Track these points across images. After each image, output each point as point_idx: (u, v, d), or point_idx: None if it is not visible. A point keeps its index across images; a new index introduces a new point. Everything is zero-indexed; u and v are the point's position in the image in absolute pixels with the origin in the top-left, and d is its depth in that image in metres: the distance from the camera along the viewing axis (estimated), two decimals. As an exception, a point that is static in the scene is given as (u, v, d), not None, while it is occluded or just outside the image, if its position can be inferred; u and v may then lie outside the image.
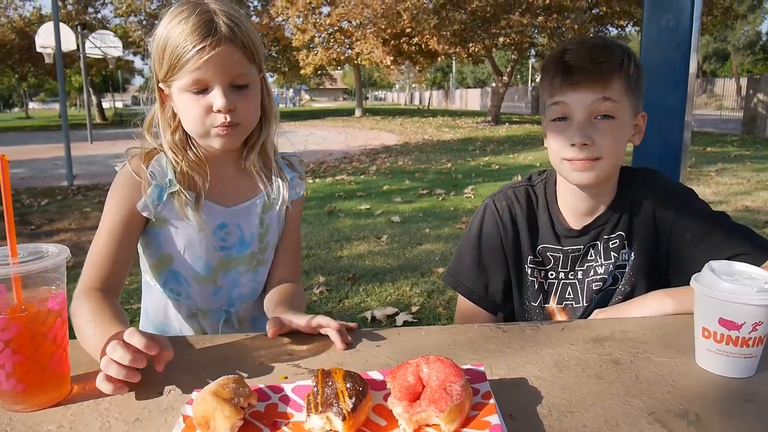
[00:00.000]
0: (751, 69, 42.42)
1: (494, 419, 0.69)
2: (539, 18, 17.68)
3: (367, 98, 72.04)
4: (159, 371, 0.84)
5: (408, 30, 20.18)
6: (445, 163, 10.66)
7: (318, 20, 26.29)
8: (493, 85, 25.17)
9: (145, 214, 1.18)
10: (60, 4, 15.87)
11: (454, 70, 60.30)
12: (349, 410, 0.68)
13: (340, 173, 9.64)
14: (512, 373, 0.86)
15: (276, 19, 29.72)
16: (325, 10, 26.08)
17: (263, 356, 0.93)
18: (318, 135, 19.09)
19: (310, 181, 8.81)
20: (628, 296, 1.27)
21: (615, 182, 1.28)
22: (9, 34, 28.80)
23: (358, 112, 32.89)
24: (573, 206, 1.29)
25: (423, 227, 5.40)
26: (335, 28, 26.14)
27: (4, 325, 0.74)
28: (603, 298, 1.30)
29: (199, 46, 1.07)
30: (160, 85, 1.17)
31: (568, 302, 1.31)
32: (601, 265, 1.28)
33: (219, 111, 1.11)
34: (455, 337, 1.01)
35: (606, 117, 1.16)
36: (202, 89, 1.11)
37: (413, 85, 66.29)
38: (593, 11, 18.64)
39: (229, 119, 1.12)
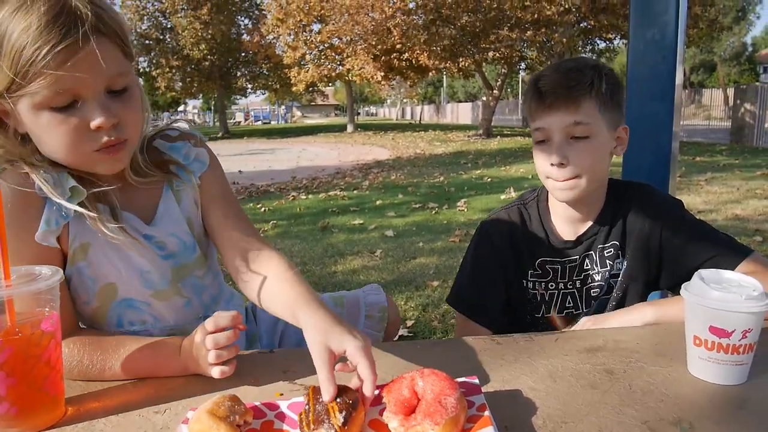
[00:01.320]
0: (738, 79, 42.98)
1: (489, 431, 0.70)
2: (528, 32, 17.86)
3: (358, 114, 72.42)
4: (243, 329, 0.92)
5: (398, 46, 20.34)
6: (438, 176, 10.70)
7: (309, 37, 26.48)
8: (484, 98, 25.37)
9: (47, 244, 0.93)
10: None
11: (444, 85, 60.79)
12: (339, 425, 0.68)
13: (333, 189, 9.65)
14: (507, 385, 0.87)
15: (267, 37, 29.94)
16: (316, 27, 26.32)
17: (258, 373, 0.93)
18: (310, 151, 19.14)
19: (303, 197, 8.82)
20: (620, 302, 1.32)
21: (603, 194, 1.32)
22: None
23: (350, 128, 33.01)
24: (565, 218, 1.34)
25: (416, 241, 5.41)
26: (326, 45, 26.32)
27: (-2, 348, 0.74)
28: (599, 305, 1.34)
29: (60, 46, 0.81)
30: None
31: (569, 310, 1.35)
32: (598, 273, 1.33)
33: (99, 128, 0.88)
34: (450, 350, 1.02)
35: (581, 138, 1.21)
36: (68, 104, 0.86)
37: (404, 100, 66.72)
38: (581, 25, 18.86)
39: (114, 137, 0.90)
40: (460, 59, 20.42)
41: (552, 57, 17.48)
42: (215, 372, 0.89)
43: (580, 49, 19.77)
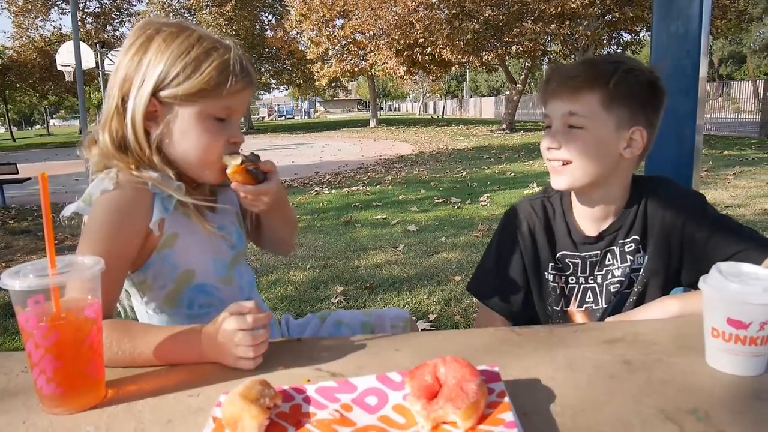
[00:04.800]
0: (769, 71, 41.90)
1: (508, 416, 0.72)
2: (552, 26, 17.65)
3: (381, 109, 72.31)
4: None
5: (421, 40, 20.28)
6: (460, 171, 10.68)
7: (332, 33, 26.54)
8: (507, 93, 25.16)
9: (155, 230, 1.11)
10: (79, 23, 16.22)
11: (467, 79, 60.42)
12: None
13: (356, 184, 9.70)
14: (526, 374, 0.89)
15: (290, 33, 30.09)
16: (339, 22, 26.34)
17: (287, 360, 0.97)
18: (333, 146, 19.23)
19: (326, 192, 8.88)
20: (641, 296, 1.31)
21: (623, 190, 1.33)
22: (30, 53, 29.49)
23: (372, 123, 33.05)
24: (586, 214, 1.34)
25: (439, 236, 5.43)
26: (349, 40, 26.35)
27: (45, 333, 0.79)
28: (619, 300, 1.34)
29: (243, 79, 1.11)
30: (163, 98, 1.10)
31: (588, 305, 1.36)
32: (618, 269, 1.33)
33: (235, 143, 1.16)
34: (471, 340, 1.04)
35: (577, 128, 1.23)
36: (223, 118, 1.14)
37: (427, 95, 66.48)
38: (606, 17, 18.58)
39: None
40: (483, 53, 20.27)
41: (576, 50, 17.26)
42: (248, 365, 0.93)
43: (605, 42, 19.47)
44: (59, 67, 17.26)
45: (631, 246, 1.32)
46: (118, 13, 31.20)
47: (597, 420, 0.75)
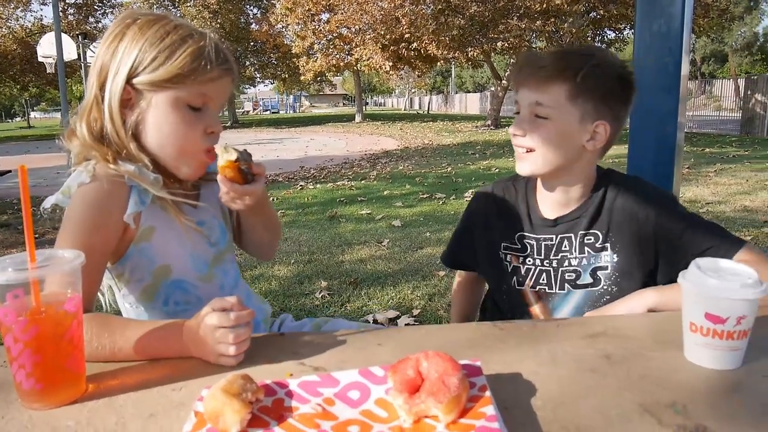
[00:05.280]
0: (749, 70, 42.50)
1: (490, 410, 0.73)
2: (537, 22, 17.73)
3: (367, 104, 72.16)
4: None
5: (407, 35, 20.25)
6: (446, 167, 10.71)
7: (317, 27, 26.41)
8: (493, 89, 25.23)
9: (129, 223, 1.09)
10: (61, 14, 15.98)
11: (453, 75, 60.48)
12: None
13: (341, 179, 9.68)
14: (508, 368, 0.90)
15: (276, 27, 29.89)
16: (324, 16, 26.22)
17: (269, 354, 0.97)
18: (319, 141, 19.16)
19: (311, 187, 8.86)
20: (615, 297, 1.31)
21: (585, 180, 1.36)
22: (11, 44, 28.95)
23: (358, 118, 32.98)
24: (547, 198, 1.39)
25: (424, 231, 5.44)
26: (334, 35, 26.25)
27: (24, 327, 0.78)
28: (590, 299, 1.35)
29: (220, 67, 1.10)
30: (137, 85, 1.08)
31: (542, 287, 1.39)
32: (576, 258, 1.35)
33: (212, 133, 1.13)
34: (454, 335, 1.05)
35: (543, 117, 1.27)
36: (198, 107, 1.11)
37: (413, 90, 66.47)
38: (590, 15, 18.70)
39: (214, 144, 1.14)
40: (469, 49, 20.31)
41: (561, 47, 17.35)
42: (229, 362, 0.92)
43: (589, 39, 19.59)
44: (40, 59, 16.96)
45: (591, 239, 1.34)
46: (100, 4, 30.70)
47: (577, 413, 0.76)
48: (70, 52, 14.94)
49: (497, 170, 9.97)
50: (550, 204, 1.39)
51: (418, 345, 1.00)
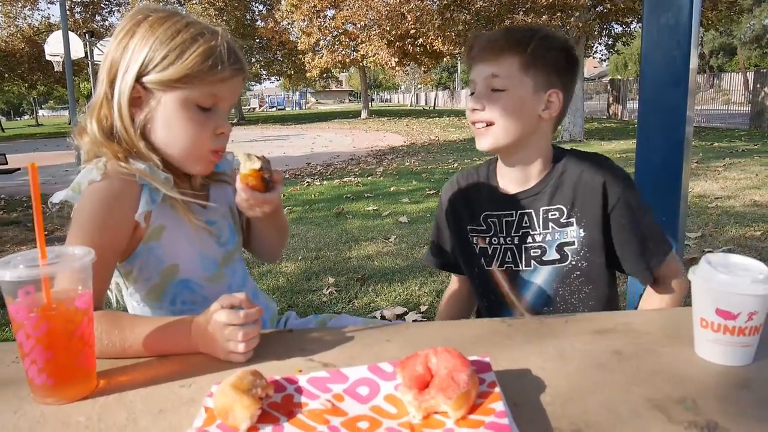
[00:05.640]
0: (759, 63, 42.11)
1: (499, 406, 0.73)
2: (543, 17, 17.61)
3: (372, 100, 72.09)
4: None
5: (412, 31, 20.16)
6: (452, 163, 10.68)
7: (323, 23, 26.34)
8: (499, 84, 25.04)
9: (140, 222, 1.09)
10: (68, 12, 16.02)
11: (459, 70, 60.28)
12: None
13: (348, 175, 9.68)
14: (516, 365, 0.90)
15: (281, 23, 29.84)
16: (330, 13, 26.15)
17: (278, 351, 0.97)
18: (325, 137, 19.16)
19: (318, 183, 8.86)
20: (586, 273, 1.35)
21: (543, 152, 1.39)
22: (18, 43, 29.09)
23: (364, 114, 32.96)
24: (508, 175, 1.42)
25: (430, 227, 5.43)
26: (340, 31, 26.18)
27: (36, 323, 0.79)
28: (558, 275, 1.37)
29: (232, 67, 1.09)
30: (147, 84, 1.08)
31: (508, 265, 1.41)
32: (540, 234, 1.37)
33: (222, 134, 1.13)
34: (462, 331, 1.05)
35: (499, 90, 1.30)
36: (208, 107, 1.11)
37: (418, 86, 66.31)
38: (597, 9, 18.56)
39: (223, 145, 1.15)
40: (475, 44, 20.20)
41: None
42: (238, 359, 0.93)
43: (596, 33, 19.46)
44: (48, 57, 17.04)
45: (555, 215, 1.36)
46: (107, 2, 30.75)
47: (586, 409, 0.76)
48: (78, 50, 15.00)
49: (504, 166, 9.94)
50: (511, 181, 1.42)
51: (427, 341, 1.00)
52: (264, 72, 35.91)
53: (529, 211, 1.37)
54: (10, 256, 0.82)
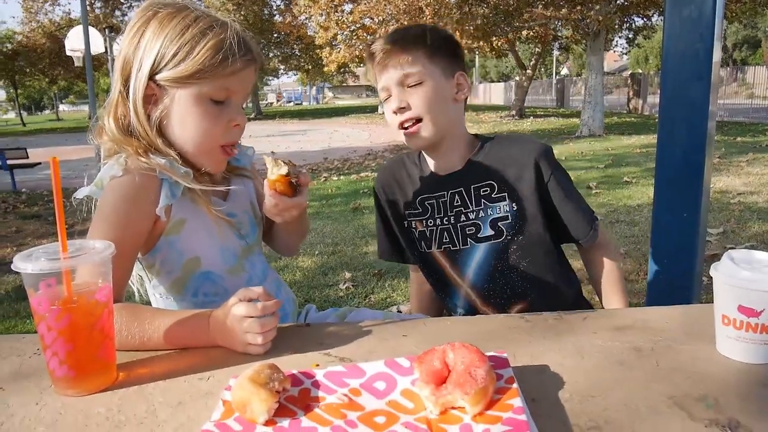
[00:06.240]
0: (784, 56, 41.21)
1: (517, 402, 0.72)
2: (563, 10, 17.41)
3: (389, 94, 71.76)
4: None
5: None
6: (469, 158, 10.62)
7: (340, 18, 26.31)
8: (517, 78, 24.93)
9: (161, 215, 1.11)
10: (88, 8, 16.19)
11: (477, 65, 59.88)
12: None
13: (365, 170, 9.68)
14: (534, 360, 0.89)
15: (299, 18, 29.89)
16: (348, 7, 26.10)
17: (295, 345, 0.98)
18: (342, 132, 19.19)
19: (335, 178, 8.88)
20: (522, 247, 1.39)
21: (466, 138, 1.46)
22: (40, 38, 29.53)
23: (381, 109, 32.89)
24: (435, 161, 1.46)
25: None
26: (358, 25, 26.12)
27: (57, 315, 0.80)
28: (496, 251, 1.40)
29: (243, 58, 1.09)
30: (160, 81, 1.08)
31: (446, 246, 1.44)
32: (473, 211, 1.41)
33: (237, 126, 1.14)
34: (479, 326, 1.05)
35: (416, 85, 1.34)
36: (221, 101, 1.11)
37: (436, 81, 65.82)
38: (618, 2, 18.31)
39: (237, 138, 1.16)
40: (493, 38, 20.05)
41: (587, 35, 17.04)
42: (257, 350, 0.94)
43: (616, 26, 19.20)
44: (68, 52, 17.27)
45: (486, 190, 1.40)
46: (126, -3, 31.11)
47: (605, 406, 0.75)
48: (97, 45, 15.17)
49: (521, 161, 9.87)
50: (440, 166, 1.45)
51: (443, 336, 0.99)
52: (281, 67, 36.03)
53: (460, 189, 1.42)
54: (32, 249, 0.84)
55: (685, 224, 1.87)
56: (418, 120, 1.35)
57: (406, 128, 1.36)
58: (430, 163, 1.47)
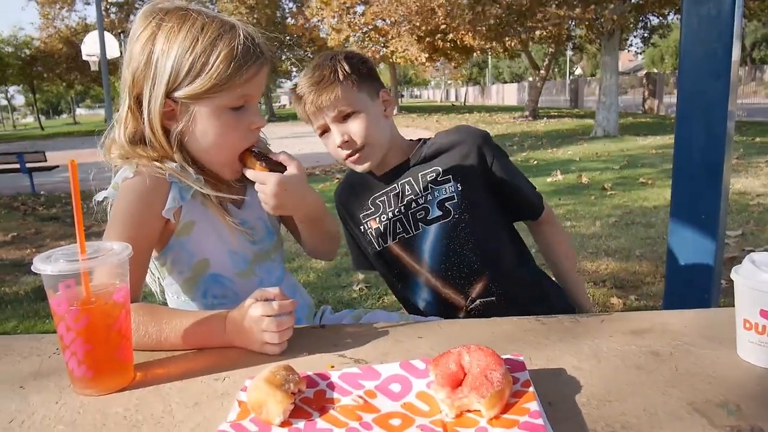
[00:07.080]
0: (803, 55, 40.60)
1: (533, 406, 0.72)
2: (576, 10, 17.29)
3: (402, 96, 71.94)
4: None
5: (443, 26, 20.04)
6: (483, 159, 10.57)
7: (353, 20, 26.39)
8: (530, 79, 24.80)
9: (168, 217, 1.12)
10: (104, 13, 16.38)
11: (489, 65, 59.76)
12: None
13: (377, 171, 9.67)
14: (551, 364, 0.88)
15: (311, 20, 30.03)
16: (360, 9, 26.18)
17: (310, 347, 0.98)
18: (354, 134, 19.16)
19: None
20: (469, 224, 1.43)
21: (402, 144, 1.53)
22: (57, 44, 29.93)
23: (393, 111, 32.91)
24: (380, 168, 1.50)
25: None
26: (370, 27, 26.20)
27: (76, 316, 0.81)
28: (446, 230, 1.43)
29: (255, 62, 1.09)
30: (179, 98, 1.08)
31: (400, 235, 1.48)
32: (422, 197, 1.46)
33: (257, 128, 1.15)
34: (494, 329, 1.04)
35: (350, 115, 1.39)
36: (240, 106, 1.12)
37: (449, 82, 65.92)
38: (632, 0, 18.16)
39: (256, 140, 1.17)
40: (506, 39, 19.99)
41: (601, 35, 16.91)
42: (274, 350, 0.95)
43: (631, 26, 19.03)
44: (84, 57, 17.52)
45: (432, 175, 1.45)
46: (141, 2, 31.42)
47: (623, 410, 0.74)
48: (113, 50, 15.35)
49: (536, 162, 9.82)
50: (385, 167, 1.51)
51: (458, 338, 0.99)
52: (294, 69, 36.13)
53: (409, 178, 1.48)
54: (51, 250, 0.85)
55: (703, 226, 1.85)
56: (362, 147, 1.40)
57: (352, 156, 1.42)
58: (377, 168, 1.53)
